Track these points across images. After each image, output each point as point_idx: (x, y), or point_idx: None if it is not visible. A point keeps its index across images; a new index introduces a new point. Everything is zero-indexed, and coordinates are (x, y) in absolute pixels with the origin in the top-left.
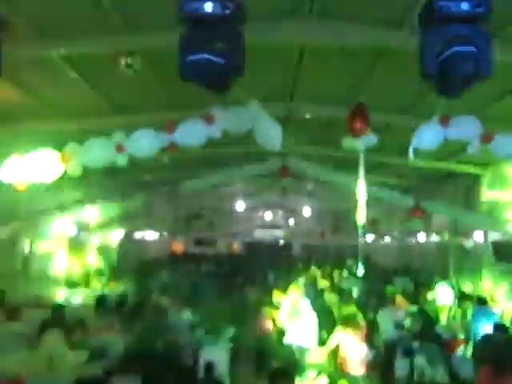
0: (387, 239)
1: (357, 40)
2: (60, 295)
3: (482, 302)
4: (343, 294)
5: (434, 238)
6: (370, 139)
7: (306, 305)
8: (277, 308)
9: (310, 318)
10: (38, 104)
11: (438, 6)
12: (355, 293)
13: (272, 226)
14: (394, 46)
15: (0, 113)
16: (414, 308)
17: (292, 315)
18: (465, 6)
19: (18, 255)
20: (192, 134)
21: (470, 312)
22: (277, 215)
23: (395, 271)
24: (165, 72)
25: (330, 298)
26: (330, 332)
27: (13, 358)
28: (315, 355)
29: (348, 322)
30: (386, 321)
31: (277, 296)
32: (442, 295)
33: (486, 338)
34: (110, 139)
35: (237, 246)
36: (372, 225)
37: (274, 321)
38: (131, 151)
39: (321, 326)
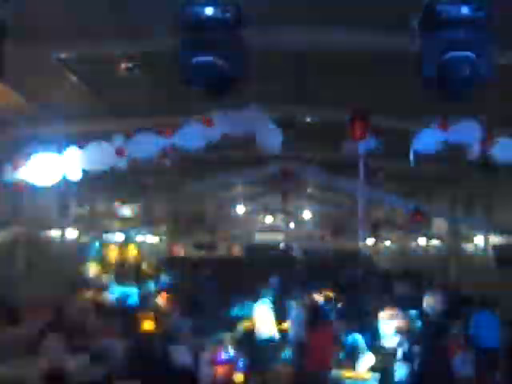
0: (387, 243)
1: (357, 44)
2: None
3: (483, 305)
4: None
5: (435, 241)
6: (370, 143)
7: None
8: None
9: None
10: (38, 108)
11: (438, 10)
12: None
13: (272, 229)
14: (394, 50)
15: (1, 116)
16: (414, 312)
17: None
18: (465, 10)
19: (20, 259)
20: (192, 137)
21: (471, 316)
22: (277, 219)
23: (396, 275)
24: (165, 76)
25: None
26: None
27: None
28: None
29: None
30: (386, 325)
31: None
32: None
33: None
34: (111, 143)
35: (237, 250)
36: (372, 228)
37: None
38: (131, 154)
39: None
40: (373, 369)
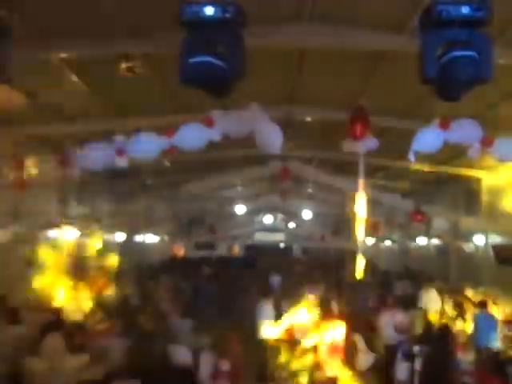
0: (387, 242)
1: (357, 44)
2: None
3: (482, 306)
4: None
5: (435, 241)
6: (370, 142)
7: None
8: None
9: None
10: (38, 107)
11: (438, 10)
12: None
13: (272, 229)
14: (394, 50)
15: (1, 116)
16: (414, 311)
17: None
18: (465, 10)
19: (19, 259)
20: (192, 137)
21: (470, 316)
22: (277, 218)
23: (396, 275)
24: (165, 75)
25: None
26: None
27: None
28: None
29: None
30: (386, 324)
31: None
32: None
33: None
34: (111, 142)
35: (237, 250)
36: (372, 228)
37: None
38: (132, 154)
39: None
40: (373, 368)
